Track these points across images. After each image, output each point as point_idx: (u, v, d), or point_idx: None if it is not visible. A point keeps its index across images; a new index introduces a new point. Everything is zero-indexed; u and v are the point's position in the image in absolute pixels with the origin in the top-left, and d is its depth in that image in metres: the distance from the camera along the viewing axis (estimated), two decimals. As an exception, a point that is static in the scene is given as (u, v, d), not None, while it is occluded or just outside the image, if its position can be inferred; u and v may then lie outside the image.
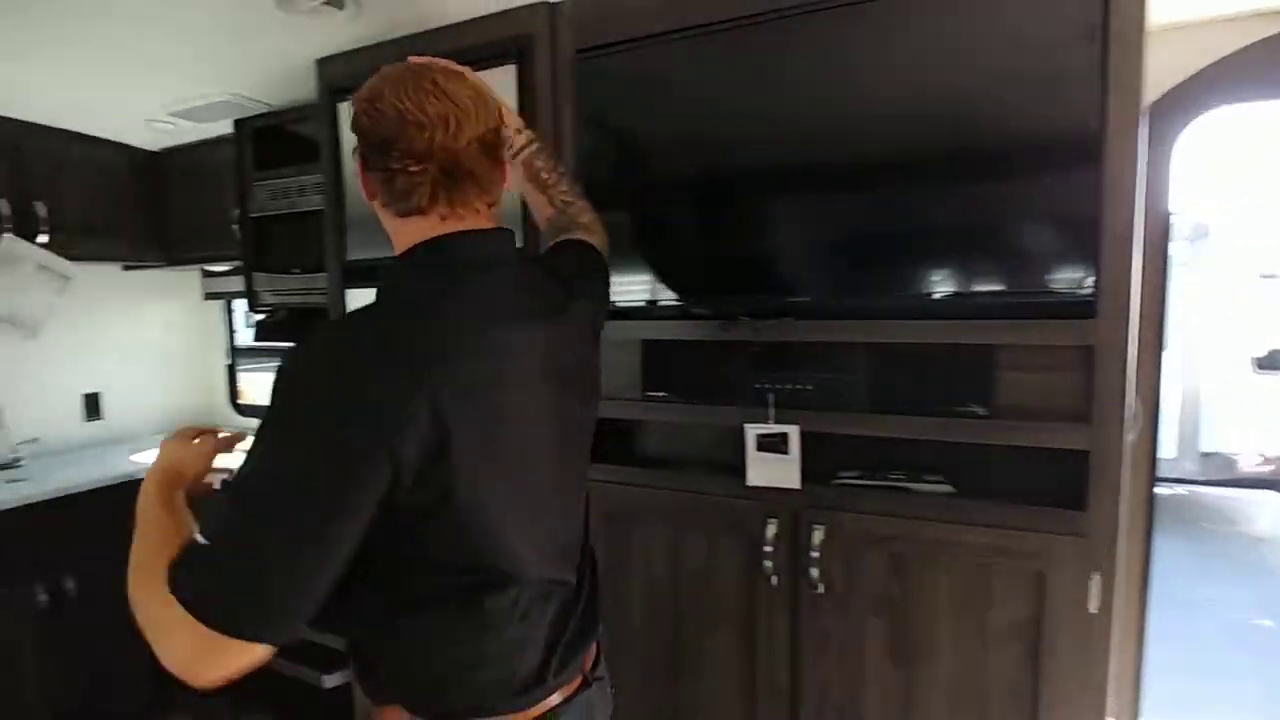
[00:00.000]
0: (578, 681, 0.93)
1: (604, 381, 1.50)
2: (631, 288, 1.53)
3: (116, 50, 1.78)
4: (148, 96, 2.14)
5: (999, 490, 1.29)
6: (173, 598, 0.67)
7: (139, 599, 0.71)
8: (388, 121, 0.78)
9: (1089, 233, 1.16)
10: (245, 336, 3.17)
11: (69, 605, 2.17)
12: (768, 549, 1.41)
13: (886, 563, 1.34)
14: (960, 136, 1.23)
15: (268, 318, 2.33)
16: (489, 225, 0.86)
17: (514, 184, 1.06)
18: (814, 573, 1.37)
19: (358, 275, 1.85)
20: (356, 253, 1.84)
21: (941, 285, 1.28)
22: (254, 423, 0.70)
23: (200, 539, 0.69)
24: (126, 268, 2.78)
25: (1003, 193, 1.24)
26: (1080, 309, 1.18)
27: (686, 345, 1.52)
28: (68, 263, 2.29)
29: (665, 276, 1.52)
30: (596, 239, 1.10)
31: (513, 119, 1.11)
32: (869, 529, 1.35)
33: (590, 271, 1.03)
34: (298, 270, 2.19)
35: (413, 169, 0.79)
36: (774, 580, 1.42)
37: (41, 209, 2.31)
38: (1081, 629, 1.21)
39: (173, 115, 2.28)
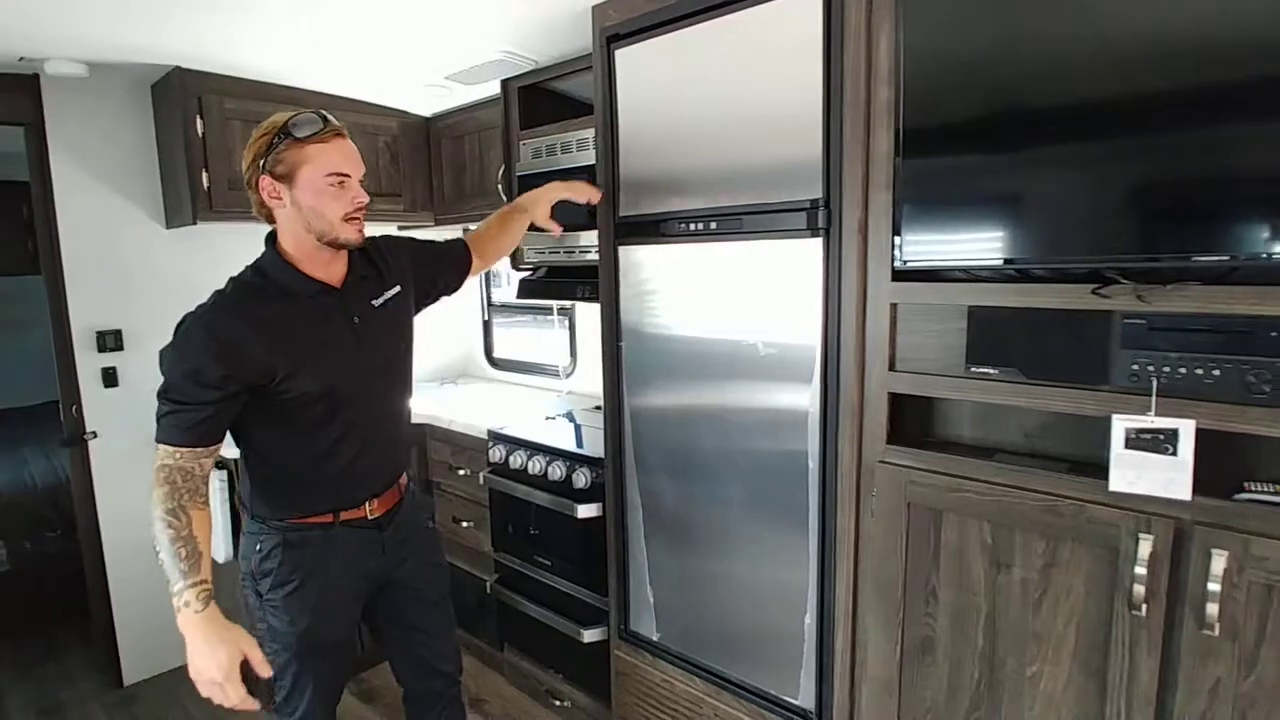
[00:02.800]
0: None
1: (910, 354, 1.42)
2: (958, 246, 1.29)
3: (402, 13, 1.84)
4: (428, 60, 2.23)
5: None
6: None
7: None
8: None
9: None
10: (499, 294, 3.35)
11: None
12: (1139, 571, 1.13)
13: (1328, 611, 1.01)
14: None
15: (530, 275, 2.37)
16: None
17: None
18: (1210, 610, 1.07)
19: (630, 231, 1.78)
20: (628, 209, 1.76)
21: None
22: (507, 375, 0.65)
23: None
24: (401, 227, 3.01)
25: None
26: None
27: (1025, 314, 1.25)
28: (359, 224, 2.50)
29: (1008, 231, 1.25)
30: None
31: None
32: (1300, 563, 1.02)
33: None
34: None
35: None
36: (1141, 610, 1.14)
37: (339, 174, 2.55)
38: None
39: (448, 79, 2.37)
